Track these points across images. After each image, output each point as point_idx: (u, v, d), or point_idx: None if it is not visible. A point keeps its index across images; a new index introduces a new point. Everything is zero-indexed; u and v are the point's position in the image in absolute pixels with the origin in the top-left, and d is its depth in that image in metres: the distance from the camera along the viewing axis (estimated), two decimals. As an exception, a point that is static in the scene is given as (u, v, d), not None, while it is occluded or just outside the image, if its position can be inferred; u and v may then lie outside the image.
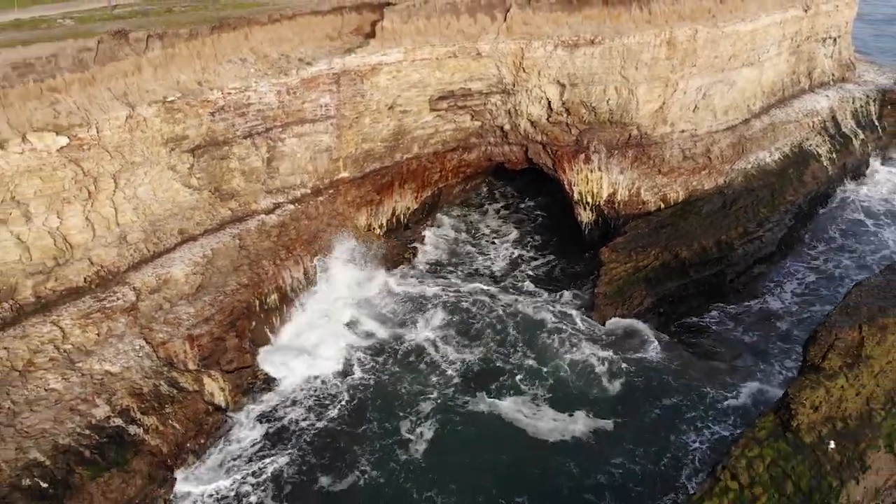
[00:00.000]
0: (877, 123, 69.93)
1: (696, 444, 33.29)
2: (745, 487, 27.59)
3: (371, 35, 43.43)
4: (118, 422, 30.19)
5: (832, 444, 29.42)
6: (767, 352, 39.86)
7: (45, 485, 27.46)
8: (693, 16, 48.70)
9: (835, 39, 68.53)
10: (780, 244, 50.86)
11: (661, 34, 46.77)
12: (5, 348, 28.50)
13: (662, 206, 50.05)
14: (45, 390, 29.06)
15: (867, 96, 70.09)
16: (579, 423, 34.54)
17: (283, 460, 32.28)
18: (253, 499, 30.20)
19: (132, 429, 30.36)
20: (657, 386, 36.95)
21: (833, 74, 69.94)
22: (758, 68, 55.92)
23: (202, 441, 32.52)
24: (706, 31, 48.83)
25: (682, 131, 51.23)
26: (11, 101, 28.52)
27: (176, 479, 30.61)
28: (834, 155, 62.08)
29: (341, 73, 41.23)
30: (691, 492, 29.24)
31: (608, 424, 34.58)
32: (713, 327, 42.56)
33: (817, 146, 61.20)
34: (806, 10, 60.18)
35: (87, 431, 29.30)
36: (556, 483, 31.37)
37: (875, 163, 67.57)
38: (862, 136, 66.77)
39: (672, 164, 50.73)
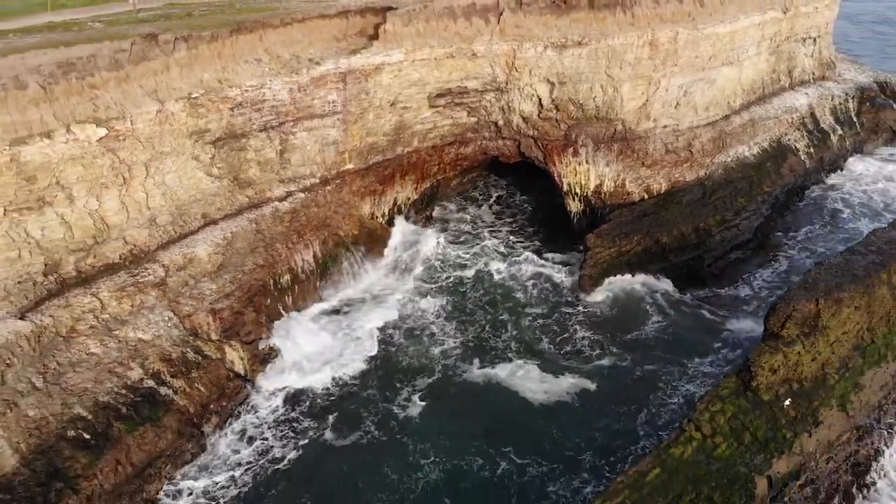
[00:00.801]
0: (855, 120, 73.70)
1: (670, 403, 37.19)
2: (708, 437, 31.46)
3: (374, 37, 47.14)
4: (150, 383, 33.94)
5: (787, 402, 33.39)
6: (736, 327, 43.68)
7: (87, 436, 31.21)
8: (674, 18, 52.47)
9: (814, 39, 72.26)
10: (756, 232, 54.61)
11: (643, 36, 50.60)
12: (51, 316, 32.23)
13: (646, 196, 53.78)
14: (87, 354, 32.82)
15: (846, 94, 73.90)
16: (564, 388, 38.36)
17: (296, 422, 36.14)
18: (274, 453, 34.05)
19: (163, 390, 34.10)
20: (637, 355, 40.81)
21: (813, 73, 73.71)
22: (737, 67, 59.73)
23: (224, 404, 36.28)
24: (686, 33, 52.66)
25: (665, 126, 55.03)
26: (57, 96, 32.27)
27: (204, 432, 34.27)
28: (812, 149, 65.83)
29: (347, 72, 45.01)
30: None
31: (591, 388, 38.43)
32: (690, 305, 46.31)
33: (795, 141, 64.97)
34: (785, 12, 63.97)
35: (124, 391, 33.06)
36: (540, 439, 35.15)
37: (853, 157, 71.20)
38: (840, 132, 70.56)
39: (655, 158, 54.50)
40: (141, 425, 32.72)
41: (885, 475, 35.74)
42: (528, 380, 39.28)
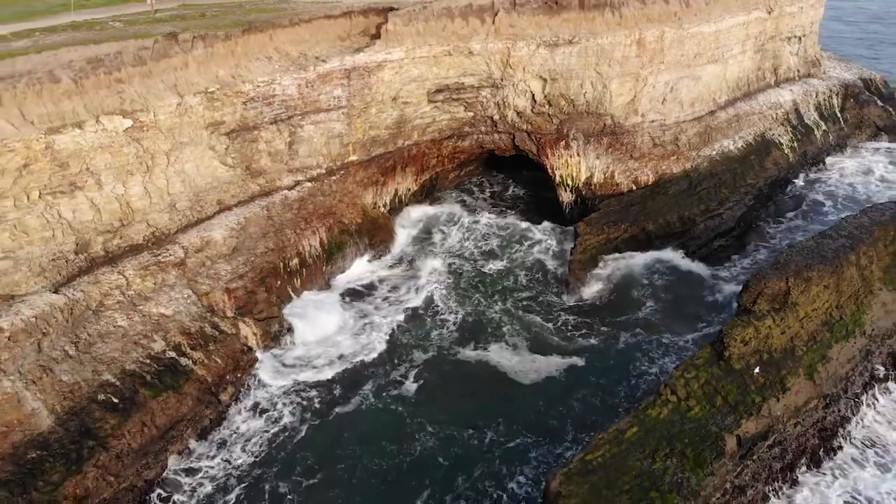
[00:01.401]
0: (839, 115, 76.91)
1: (649, 376, 40.36)
2: (682, 400, 34.58)
3: (377, 36, 50.32)
4: (172, 354, 37.08)
5: (757, 370, 36.54)
6: (713, 307, 46.86)
7: (116, 400, 34.31)
8: (660, 19, 55.64)
9: (800, 38, 75.40)
10: (739, 221, 57.77)
11: (631, 35, 53.78)
12: (82, 291, 35.35)
13: (634, 187, 56.90)
14: (114, 326, 35.95)
15: (830, 91, 77.10)
16: (551, 365, 41.42)
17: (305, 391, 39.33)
18: (283, 423, 37.19)
19: (183, 360, 37.24)
20: (620, 334, 43.97)
21: (799, 70, 76.89)
22: (722, 65, 62.92)
23: (239, 375, 39.41)
24: (672, 33, 55.86)
25: (652, 121, 58.18)
26: (87, 90, 35.41)
27: (220, 400, 37.40)
28: (795, 144, 68.99)
29: (351, 69, 48.19)
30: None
31: (576, 365, 41.50)
32: (671, 288, 49.47)
33: (779, 136, 68.14)
34: (769, 12, 67.22)
35: (148, 360, 36.20)
36: (526, 411, 37.98)
37: (837, 151, 74.33)
38: (824, 127, 73.74)
39: (643, 151, 57.66)
40: (164, 392, 35.79)
41: (851, 440, 38.83)
42: (517, 357, 42.24)
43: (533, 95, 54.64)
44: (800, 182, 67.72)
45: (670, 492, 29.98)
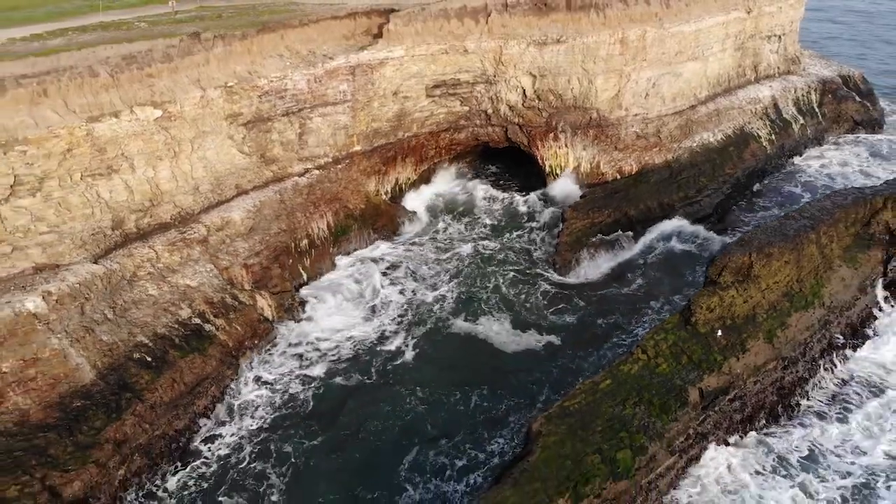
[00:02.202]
0: (817, 110, 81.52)
1: (623, 345, 44.87)
2: (652, 358, 39.14)
3: (379, 35, 54.86)
4: (197, 321, 41.67)
5: (719, 333, 41.11)
6: (685, 283, 51.43)
7: (149, 359, 38.89)
8: (642, 19, 60.24)
9: (779, 37, 79.99)
10: (716, 208, 62.35)
11: (614, 34, 58.38)
12: (118, 263, 39.91)
13: (619, 176, 61.48)
14: (146, 295, 40.53)
15: (809, 87, 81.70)
16: (533, 337, 45.79)
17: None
18: (291, 389, 41.61)
19: (207, 327, 41.81)
20: (601, 308, 48.49)
21: (779, 68, 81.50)
22: (702, 62, 67.51)
23: (256, 342, 43.93)
24: (654, 32, 60.47)
25: (636, 115, 62.78)
26: (122, 83, 39.98)
27: (240, 364, 41.95)
28: (773, 137, 73.58)
29: (356, 65, 52.75)
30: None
31: (555, 337, 45.87)
32: (646, 263, 54.11)
33: (758, 129, 72.77)
34: (749, 12, 71.81)
35: (176, 325, 40.79)
36: (507, 378, 42.15)
37: (814, 144, 78.93)
38: (802, 121, 78.32)
39: (627, 142, 62.28)
40: (191, 353, 40.37)
41: (808, 398, 43.39)
42: (502, 330, 46.50)
43: (524, 91, 59.18)
44: (779, 173, 72.12)
45: (638, 433, 34.55)
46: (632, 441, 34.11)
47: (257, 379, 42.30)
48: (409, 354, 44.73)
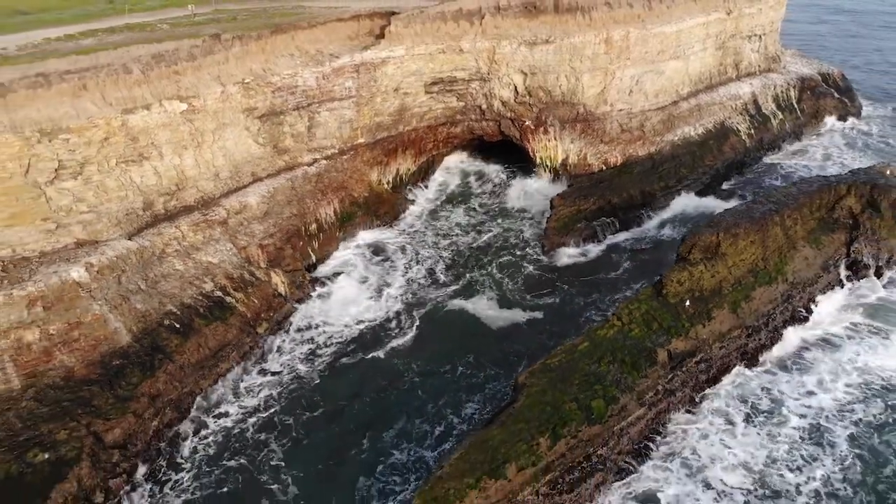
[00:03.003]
0: (796, 106, 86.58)
1: (601, 314, 49.85)
2: (625, 324, 44.12)
3: (381, 36, 59.88)
4: (219, 294, 46.68)
5: (688, 303, 46.09)
6: (661, 262, 56.31)
7: (177, 325, 43.89)
8: (626, 20, 65.30)
9: (760, 37, 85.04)
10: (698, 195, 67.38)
11: (599, 35, 63.43)
12: (149, 240, 44.91)
13: (604, 167, 66.52)
14: (173, 269, 45.55)
15: (788, 84, 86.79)
16: (517, 314, 50.45)
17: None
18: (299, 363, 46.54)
19: (228, 299, 46.82)
20: (582, 289, 53.39)
21: (759, 66, 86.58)
22: (684, 61, 72.58)
23: (271, 314, 48.88)
24: (636, 32, 65.53)
25: (620, 110, 67.85)
26: (152, 79, 45.00)
27: (259, 333, 46.91)
28: (752, 131, 78.61)
29: (360, 64, 57.79)
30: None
31: (539, 315, 50.48)
32: (627, 248, 59.19)
33: (738, 124, 77.79)
34: (729, 14, 76.88)
35: (200, 297, 45.80)
36: (492, 350, 46.70)
37: (793, 138, 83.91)
38: (781, 116, 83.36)
39: (612, 136, 67.32)
40: (214, 322, 45.38)
41: (770, 361, 48.21)
42: (490, 309, 51.19)
43: (515, 87, 64.24)
44: (760, 164, 77.02)
45: (610, 386, 39.54)
46: (605, 392, 39.09)
47: (273, 350, 47.08)
48: (406, 331, 49.11)
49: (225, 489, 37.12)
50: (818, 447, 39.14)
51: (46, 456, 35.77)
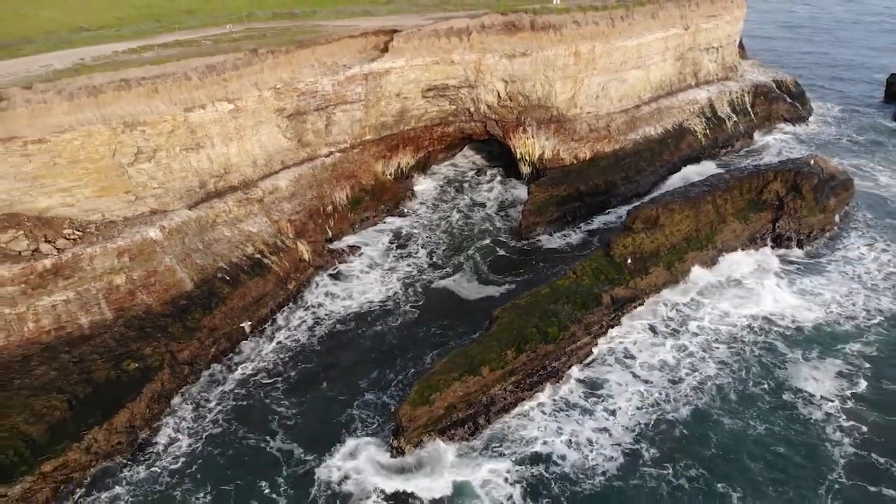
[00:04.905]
0: (749, 110, 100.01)
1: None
2: (579, 277, 57.13)
3: (385, 50, 73.09)
4: (258, 256, 59.73)
5: (629, 261, 59.33)
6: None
7: (227, 278, 56.90)
8: (592, 36, 78.63)
9: (717, 49, 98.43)
10: (652, 187, 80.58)
11: (569, 48, 76.79)
12: (204, 212, 57.90)
13: (575, 161, 79.64)
14: (223, 235, 58.64)
15: (743, 90, 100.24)
16: (493, 288, 62.94)
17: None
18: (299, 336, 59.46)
19: (265, 260, 59.86)
20: (551, 266, 66.32)
21: (717, 75, 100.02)
22: (645, 70, 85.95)
23: (298, 276, 61.89)
24: (601, 46, 78.89)
25: (589, 112, 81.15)
26: (206, 85, 58.19)
27: (288, 288, 60.01)
28: (708, 131, 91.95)
29: (368, 73, 71.06)
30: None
31: (511, 286, 63.09)
32: (592, 227, 72.38)
33: (694, 125, 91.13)
34: (686, 29, 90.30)
35: (244, 258, 58.89)
36: (470, 314, 58.43)
37: (746, 137, 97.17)
38: (735, 119, 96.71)
39: (581, 134, 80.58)
40: (255, 277, 58.40)
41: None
42: (470, 286, 63.18)
43: (498, 93, 77.52)
44: (710, 161, 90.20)
45: (564, 318, 52.61)
46: (559, 323, 52.15)
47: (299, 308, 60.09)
48: (396, 302, 60.51)
49: (247, 402, 49.94)
50: (705, 352, 53.16)
51: (136, 365, 48.64)
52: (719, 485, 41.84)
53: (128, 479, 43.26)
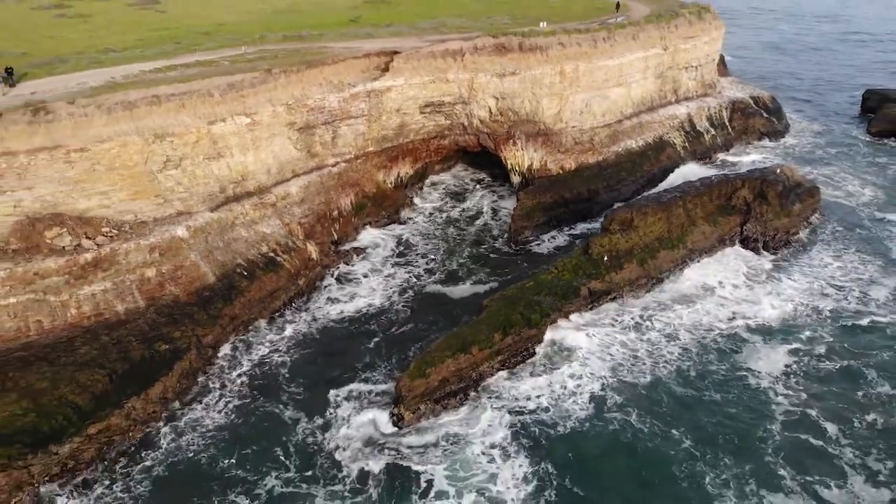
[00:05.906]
0: (727, 124, 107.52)
1: (550, 269, 70.06)
2: (560, 272, 64.24)
3: (386, 70, 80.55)
4: (272, 254, 66.87)
5: (605, 258, 66.58)
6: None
7: (245, 273, 63.97)
8: (576, 57, 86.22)
9: (696, 67, 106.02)
10: (632, 195, 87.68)
11: (555, 68, 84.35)
12: (224, 214, 65.06)
13: (561, 171, 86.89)
14: (241, 236, 65.81)
15: (721, 105, 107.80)
16: (482, 287, 69.61)
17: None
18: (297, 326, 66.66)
19: (278, 258, 67.00)
20: (535, 260, 73.42)
21: (696, 91, 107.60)
22: (626, 87, 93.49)
23: (307, 273, 69.04)
24: (585, 66, 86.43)
25: (573, 126, 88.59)
26: (226, 101, 65.56)
27: (300, 284, 67.12)
28: (687, 144, 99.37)
29: (370, 91, 78.52)
30: (540, 279, 65.60)
31: (498, 285, 69.89)
32: (575, 231, 79.63)
33: (674, 138, 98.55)
34: (665, 49, 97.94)
35: (259, 256, 66.05)
36: (460, 311, 64.54)
37: (723, 150, 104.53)
38: (713, 133, 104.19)
39: (567, 147, 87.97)
40: (269, 273, 65.50)
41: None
42: (460, 287, 69.38)
43: (490, 109, 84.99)
44: (689, 170, 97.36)
45: (546, 307, 59.67)
46: (541, 311, 59.21)
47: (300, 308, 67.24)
48: (391, 305, 66.29)
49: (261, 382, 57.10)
50: (668, 341, 60.04)
51: (167, 346, 55.55)
52: (674, 431, 49.36)
53: (160, 445, 50.00)
